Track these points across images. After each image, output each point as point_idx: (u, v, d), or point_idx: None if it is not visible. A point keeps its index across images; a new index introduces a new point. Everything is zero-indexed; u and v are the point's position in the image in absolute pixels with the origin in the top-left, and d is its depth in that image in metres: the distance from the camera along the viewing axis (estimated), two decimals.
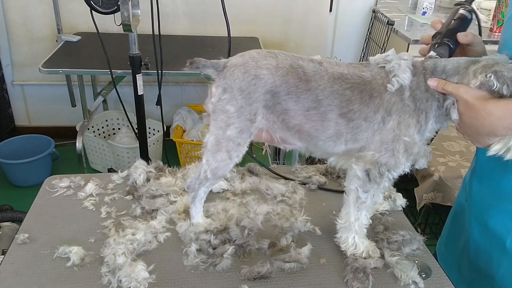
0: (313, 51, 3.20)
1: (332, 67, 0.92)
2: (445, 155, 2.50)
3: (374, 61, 0.94)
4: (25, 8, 2.90)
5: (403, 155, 0.91)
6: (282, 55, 0.93)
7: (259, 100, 0.92)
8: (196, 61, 0.94)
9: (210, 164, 0.99)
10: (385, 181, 0.94)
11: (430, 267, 0.98)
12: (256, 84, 0.90)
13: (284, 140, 0.99)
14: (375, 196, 0.96)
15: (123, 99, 2.42)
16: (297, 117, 0.93)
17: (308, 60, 0.93)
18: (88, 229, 1.05)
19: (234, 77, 0.91)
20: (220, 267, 0.94)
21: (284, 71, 0.90)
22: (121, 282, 0.89)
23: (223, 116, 0.93)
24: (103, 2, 1.92)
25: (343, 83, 0.90)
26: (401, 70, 0.89)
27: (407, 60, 0.91)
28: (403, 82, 0.89)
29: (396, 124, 0.90)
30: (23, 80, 3.15)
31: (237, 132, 0.94)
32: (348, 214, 0.98)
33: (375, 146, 0.92)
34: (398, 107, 0.89)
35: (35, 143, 2.93)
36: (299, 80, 0.90)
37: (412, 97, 0.89)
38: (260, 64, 0.91)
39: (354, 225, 0.98)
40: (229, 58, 0.96)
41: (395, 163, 0.92)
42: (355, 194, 0.95)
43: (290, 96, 0.91)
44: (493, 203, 0.99)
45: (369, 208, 0.98)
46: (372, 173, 0.92)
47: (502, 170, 0.94)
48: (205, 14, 3.01)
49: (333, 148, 0.96)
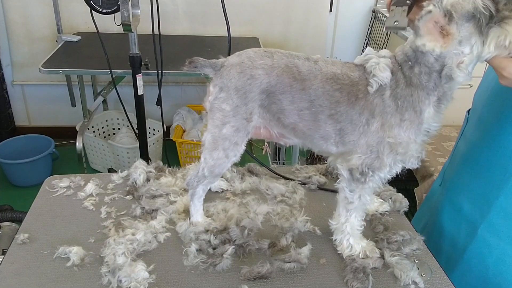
0: (313, 51, 3.20)
1: (326, 66, 0.91)
2: (445, 155, 2.50)
3: (357, 61, 0.92)
4: (25, 8, 2.90)
5: (388, 156, 0.89)
6: (278, 54, 0.93)
7: (254, 100, 0.92)
8: (194, 61, 0.95)
9: (208, 162, 0.99)
10: (371, 181, 0.93)
11: (430, 267, 0.98)
12: (252, 84, 0.91)
13: (283, 135, 1.00)
14: (362, 197, 0.95)
15: (123, 99, 2.42)
16: (292, 116, 0.93)
17: (304, 59, 0.92)
18: (88, 229, 1.05)
19: (230, 77, 0.92)
20: (220, 267, 0.94)
21: (279, 70, 0.90)
22: (121, 282, 0.89)
23: (219, 115, 0.94)
24: (103, 2, 1.92)
25: (334, 84, 0.89)
26: (379, 69, 0.86)
27: (386, 57, 0.89)
28: (383, 82, 0.86)
29: (380, 126, 0.88)
30: (23, 80, 3.15)
31: (233, 130, 0.94)
32: (338, 215, 0.99)
33: (362, 149, 0.91)
34: (380, 109, 0.87)
35: (35, 143, 2.93)
36: (293, 80, 0.90)
37: (393, 96, 0.87)
38: (255, 64, 0.91)
39: (345, 227, 0.98)
40: (227, 57, 0.96)
41: (380, 165, 0.90)
42: (343, 194, 0.96)
43: (285, 96, 0.91)
44: (472, 188, 1.01)
45: (358, 210, 0.97)
46: (354, 172, 0.92)
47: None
48: (205, 14, 3.01)
49: (326, 147, 0.96)
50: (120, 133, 3.08)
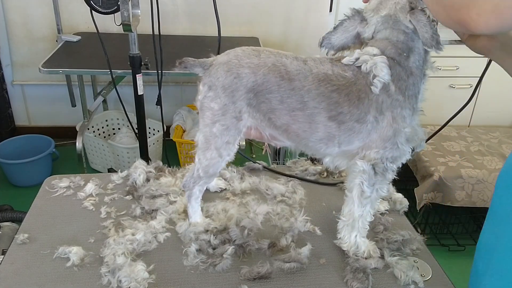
0: (313, 51, 3.19)
1: (316, 66, 0.91)
2: (445, 155, 2.50)
3: (346, 62, 0.92)
4: (25, 8, 2.90)
5: (406, 144, 0.92)
6: (265, 53, 0.93)
7: (242, 99, 0.92)
8: (184, 61, 0.97)
9: (202, 162, 1.00)
10: (389, 173, 0.95)
11: (430, 267, 0.98)
12: (238, 83, 0.91)
13: (274, 137, 1.00)
14: (379, 190, 0.96)
15: (123, 99, 2.42)
16: (283, 117, 0.93)
17: (292, 58, 0.93)
18: (88, 229, 1.05)
19: (218, 75, 0.92)
20: (220, 267, 0.94)
21: (265, 69, 0.91)
22: (120, 282, 0.89)
23: (209, 113, 0.95)
24: (103, 2, 1.92)
25: (329, 85, 0.89)
26: (379, 68, 0.88)
27: (378, 55, 0.90)
28: (385, 80, 0.88)
29: (392, 120, 0.90)
30: (23, 80, 3.15)
31: (223, 129, 0.95)
32: (351, 211, 0.98)
33: (377, 144, 0.92)
34: (387, 104, 0.89)
35: (35, 143, 2.93)
36: (281, 79, 0.90)
37: (398, 89, 0.89)
38: (242, 63, 0.91)
39: (358, 222, 0.98)
40: (216, 56, 0.97)
41: (400, 155, 0.93)
42: (360, 189, 0.95)
43: (273, 95, 0.91)
44: None
45: (373, 203, 0.98)
46: (378, 166, 0.93)
47: None
48: (205, 14, 3.01)
49: (325, 150, 0.96)
50: (120, 133, 3.08)
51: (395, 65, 0.89)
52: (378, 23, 0.91)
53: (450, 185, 2.32)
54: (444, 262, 1.12)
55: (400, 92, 0.89)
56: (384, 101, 0.89)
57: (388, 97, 0.89)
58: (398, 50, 0.89)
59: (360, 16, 0.93)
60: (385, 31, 0.91)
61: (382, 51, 0.90)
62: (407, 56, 0.89)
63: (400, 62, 0.89)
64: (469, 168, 2.38)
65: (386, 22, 0.90)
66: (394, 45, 0.89)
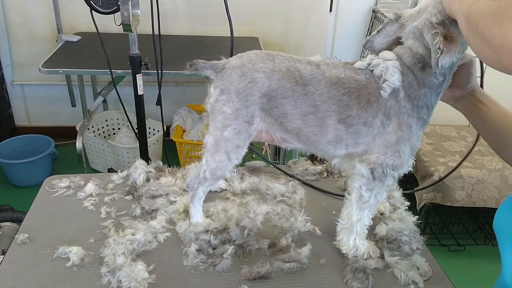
0: (313, 51, 3.20)
1: (329, 70, 0.91)
2: (445, 155, 2.50)
3: (358, 66, 0.92)
4: (25, 8, 2.89)
5: (409, 154, 0.92)
6: (279, 58, 0.93)
7: (255, 103, 0.92)
8: (195, 63, 0.95)
9: (209, 164, 0.99)
10: (389, 179, 0.94)
11: (430, 267, 0.98)
12: (252, 88, 0.91)
13: (285, 140, 0.99)
14: (378, 195, 0.96)
15: (123, 99, 2.42)
16: (295, 121, 0.93)
17: (306, 63, 0.92)
18: (88, 229, 1.05)
19: (231, 80, 0.91)
20: (220, 267, 0.94)
21: (280, 74, 0.90)
22: (120, 282, 0.89)
23: (221, 117, 0.94)
24: (103, 2, 1.92)
25: (340, 88, 0.89)
26: (390, 73, 0.88)
27: (392, 60, 0.90)
28: (395, 85, 0.88)
29: (398, 126, 0.90)
30: (23, 80, 3.15)
31: (235, 133, 0.94)
32: (350, 214, 0.98)
33: (379, 149, 0.92)
34: (395, 110, 0.89)
35: (35, 143, 2.93)
36: (295, 84, 0.90)
37: (407, 97, 0.89)
38: (256, 67, 0.91)
39: (356, 226, 0.98)
40: (228, 59, 0.96)
41: (401, 163, 0.92)
42: (358, 193, 0.95)
43: (287, 100, 0.91)
44: None
45: (371, 208, 0.98)
46: (377, 171, 0.92)
47: None
48: (205, 14, 3.01)
49: (334, 152, 0.96)
50: (120, 133, 3.08)
51: (408, 73, 0.89)
52: (409, 31, 0.91)
53: (450, 185, 2.32)
54: (444, 262, 1.12)
55: (409, 99, 0.89)
56: (392, 106, 0.89)
57: (396, 103, 0.89)
58: (414, 60, 0.89)
59: (400, 22, 0.94)
60: (411, 40, 0.91)
61: (400, 57, 0.90)
62: (422, 67, 0.89)
63: (414, 71, 0.89)
64: (469, 168, 2.39)
65: (414, 32, 0.90)
66: (412, 55, 0.90)
